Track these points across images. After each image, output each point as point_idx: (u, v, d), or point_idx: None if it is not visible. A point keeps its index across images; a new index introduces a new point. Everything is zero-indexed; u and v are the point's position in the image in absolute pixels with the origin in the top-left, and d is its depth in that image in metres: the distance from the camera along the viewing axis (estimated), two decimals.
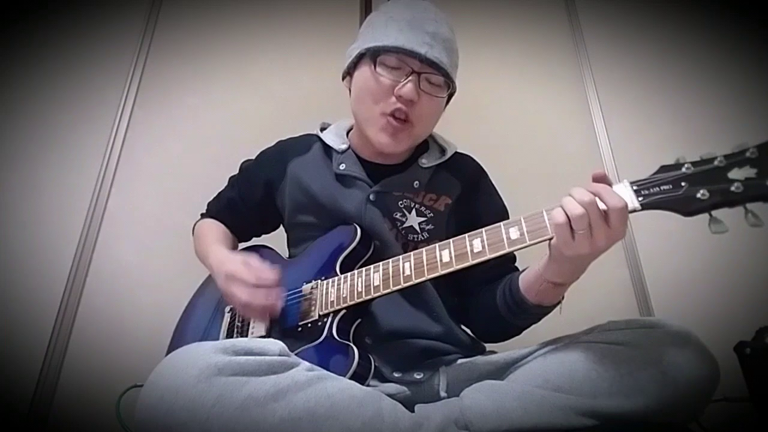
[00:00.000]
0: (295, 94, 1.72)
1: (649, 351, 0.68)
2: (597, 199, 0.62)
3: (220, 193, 1.13)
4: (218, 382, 0.55)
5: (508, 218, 0.98)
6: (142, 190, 1.59)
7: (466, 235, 0.75)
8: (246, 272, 0.83)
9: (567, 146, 1.72)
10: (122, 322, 1.42)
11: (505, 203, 1.05)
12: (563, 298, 0.78)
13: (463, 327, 0.95)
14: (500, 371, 0.80)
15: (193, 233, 1.14)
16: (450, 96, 0.97)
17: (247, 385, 0.56)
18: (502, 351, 0.84)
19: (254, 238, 1.16)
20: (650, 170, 0.65)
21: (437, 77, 0.88)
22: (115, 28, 1.77)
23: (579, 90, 1.81)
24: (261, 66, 1.79)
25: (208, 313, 0.99)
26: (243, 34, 1.83)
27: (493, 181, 1.07)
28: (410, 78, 0.86)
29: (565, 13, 1.93)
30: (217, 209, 1.12)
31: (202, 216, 1.14)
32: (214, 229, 1.07)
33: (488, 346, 0.95)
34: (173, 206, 1.58)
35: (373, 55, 0.88)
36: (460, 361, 0.84)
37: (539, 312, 0.79)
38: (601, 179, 0.65)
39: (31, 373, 1.32)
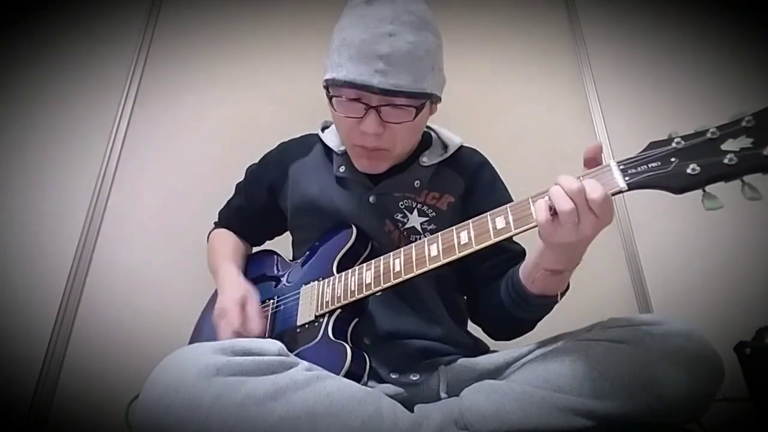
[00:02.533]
0: (295, 94, 1.72)
1: (652, 349, 0.67)
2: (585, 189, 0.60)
3: (229, 200, 1.13)
4: (217, 381, 0.55)
5: None
6: (142, 189, 1.59)
7: (454, 227, 0.74)
8: (235, 317, 0.83)
9: (567, 146, 1.72)
10: (122, 322, 1.42)
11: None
12: (568, 286, 0.77)
13: (464, 329, 0.95)
14: (500, 370, 0.79)
15: (208, 242, 1.14)
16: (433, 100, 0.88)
17: (246, 384, 0.56)
18: (502, 350, 0.84)
19: (267, 240, 1.16)
20: None
21: (402, 100, 0.80)
22: (115, 28, 1.77)
23: (579, 90, 1.81)
24: (261, 66, 1.79)
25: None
26: (243, 34, 1.83)
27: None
28: (368, 113, 0.80)
29: (565, 13, 1.93)
30: (226, 217, 1.12)
31: (215, 225, 1.15)
32: (225, 242, 1.07)
33: (495, 345, 0.94)
34: (173, 206, 1.58)
35: (330, 91, 0.84)
36: (459, 360, 0.84)
37: (543, 303, 0.76)
38: (595, 154, 0.64)
39: (31, 373, 1.33)
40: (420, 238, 0.89)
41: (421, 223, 0.91)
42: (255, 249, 1.14)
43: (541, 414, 0.66)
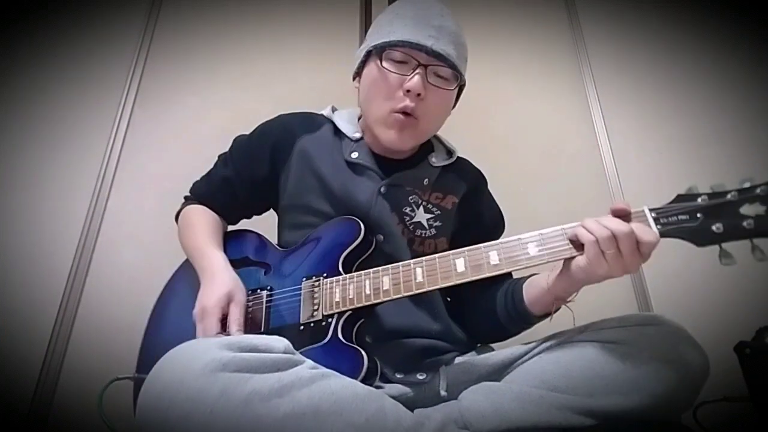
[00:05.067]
0: (295, 94, 1.72)
1: (643, 348, 0.69)
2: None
3: (209, 171, 1.06)
4: (222, 376, 0.55)
5: (503, 224, 1.05)
6: (143, 190, 1.59)
7: (482, 246, 0.75)
8: (214, 324, 0.79)
9: (567, 146, 1.72)
10: (122, 322, 1.42)
11: (505, 203, 1.08)
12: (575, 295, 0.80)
13: (460, 325, 0.95)
14: (498, 371, 0.80)
15: (176, 220, 1.07)
16: (459, 92, 0.98)
17: (251, 380, 0.56)
18: (499, 349, 0.85)
19: (244, 219, 1.08)
20: (649, 171, 0.66)
21: (445, 69, 0.88)
22: (115, 28, 1.77)
23: (579, 90, 1.81)
24: (261, 66, 1.79)
25: (189, 302, 0.87)
26: (243, 34, 1.83)
27: (493, 181, 1.10)
28: (417, 71, 0.86)
29: (565, 13, 1.93)
30: (206, 190, 1.04)
31: (187, 199, 1.07)
32: (205, 220, 1.00)
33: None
34: (173, 206, 1.57)
35: (379, 52, 0.89)
36: (458, 360, 0.85)
37: (541, 320, 0.82)
38: (621, 213, 0.68)
39: (31, 373, 1.32)
40: (426, 233, 0.93)
41: (428, 220, 0.93)
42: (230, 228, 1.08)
43: (539, 412, 0.67)
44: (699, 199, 0.67)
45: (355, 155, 0.94)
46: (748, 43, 1.79)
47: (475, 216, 0.94)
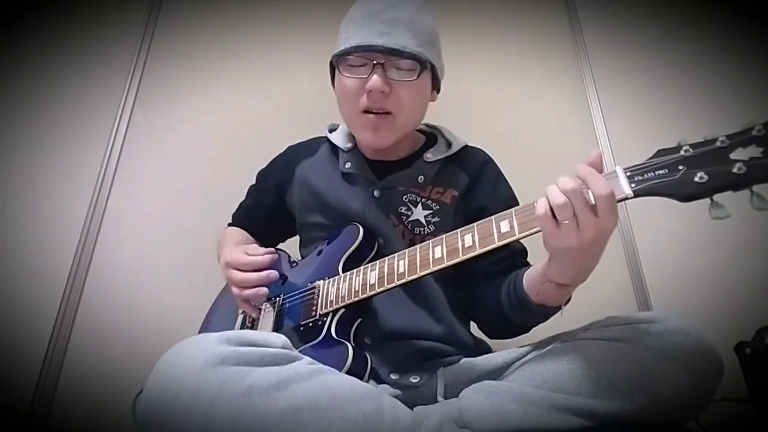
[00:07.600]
0: (295, 94, 1.72)
1: (650, 347, 0.67)
2: (584, 187, 0.61)
3: (240, 203, 1.18)
4: (222, 371, 0.56)
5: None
6: (142, 190, 1.59)
7: (459, 230, 0.74)
8: (241, 257, 0.90)
9: (567, 146, 1.72)
10: (122, 322, 1.42)
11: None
12: (570, 299, 0.77)
13: (467, 328, 0.95)
14: (499, 371, 0.79)
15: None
16: (435, 77, 0.95)
17: (251, 374, 0.56)
18: (500, 350, 0.84)
19: (278, 243, 1.17)
20: None
21: (406, 62, 0.87)
22: (115, 28, 1.77)
23: (579, 90, 1.81)
24: (261, 66, 1.79)
25: (225, 316, 1.02)
26: (243, 34, 1.83)
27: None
28: (374, 70, 0.86)
29: (565, 13, 1.93)
30: (238, 219, 1.16)
31: (229, 225, 1.18)
32: (233, 234, 1.12)
33: (494, 346, 0.94)
34: (173, 206, 1.58)
35: (338, 61, 0.91)
36: (459, 362, 0.84)
37: (542, 312, 0.77)
38: (595, 162, 0.63)
39: (31, 373, 1.33)
40: (424, 230, 0.92)
41: (425, 216, 0.93)
42: None
43: (540, 414, 0.66)
44: (682, 150, 0.58)
45: (348, 165, 0.98)
46: (749, 42, 1.79)
47: (481, 208, 0.92)
